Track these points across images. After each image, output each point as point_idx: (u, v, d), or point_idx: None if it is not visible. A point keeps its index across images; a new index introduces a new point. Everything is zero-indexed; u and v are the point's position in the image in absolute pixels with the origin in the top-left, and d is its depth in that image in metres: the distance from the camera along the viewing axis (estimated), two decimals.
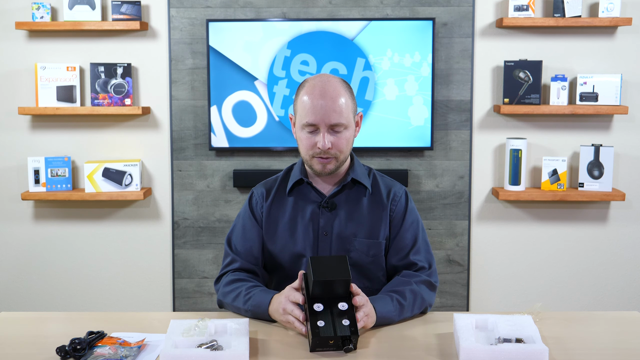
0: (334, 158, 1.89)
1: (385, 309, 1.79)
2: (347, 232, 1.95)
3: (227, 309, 1.93)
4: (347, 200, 1.97)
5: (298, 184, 1.99)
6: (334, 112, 1.84)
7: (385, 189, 2.01)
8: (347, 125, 1.87)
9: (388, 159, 3.48)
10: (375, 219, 1.96)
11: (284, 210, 1.98)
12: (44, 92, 3.38)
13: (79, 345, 1.59)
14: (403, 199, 2.01)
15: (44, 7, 3.33)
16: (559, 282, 3.58)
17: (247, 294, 1.84)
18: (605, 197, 3.37)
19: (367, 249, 1.95)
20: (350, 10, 3.41)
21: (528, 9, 3.31)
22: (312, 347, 1.62)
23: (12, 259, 3.58)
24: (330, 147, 1.86)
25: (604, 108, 3.34)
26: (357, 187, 1.99)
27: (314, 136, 1.87)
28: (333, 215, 1.95)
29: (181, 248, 3.55)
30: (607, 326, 1.85)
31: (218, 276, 1.99)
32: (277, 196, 2.00)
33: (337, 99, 1.85)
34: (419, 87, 3.38)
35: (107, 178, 3.39)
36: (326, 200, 1.96)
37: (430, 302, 1.93)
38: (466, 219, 3.53)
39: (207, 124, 3.45)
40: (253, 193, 2.04)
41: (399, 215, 1.99)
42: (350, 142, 1.91)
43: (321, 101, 1.84)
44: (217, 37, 3.36)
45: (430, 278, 1.95)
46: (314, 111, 1.84)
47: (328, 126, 1.85)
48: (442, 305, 3.58)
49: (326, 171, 1.91)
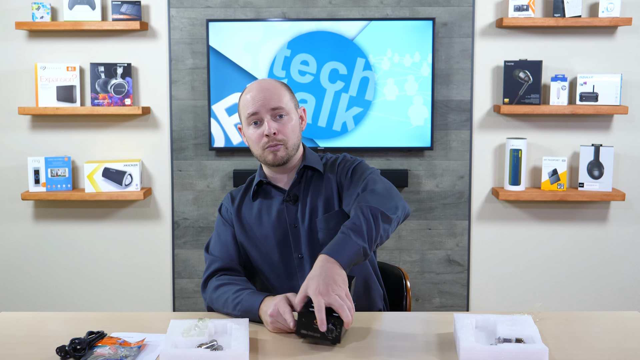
0: (282, 145, 1.95)
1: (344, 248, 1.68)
2: (311, 218, 1.99)
3: (218, 312, 1.94)
4: (306, 189, 2.02)
5: (259, 185, 2.07)
6: (272, 99, 1.95)
7: (332, 163, 2.06)
8: (287, 111, 1.97)
9: (388, 159, 3.48)
10: (328, 194, 2.00)
11: (252, 213, 2.04)
12: (44, 92, 3.38)
13: (79, 345, 1.59)
14: (342, 160, 2.05)
15: (44, 7, 3.33)
16: (559, 282, 3.58)
17: (235, 299, 1.86)
18: (605, 197, 3.37)
19: (327, 224, 1.97)
20: (350, 10, 3.41)
21: (528, 9, 3.31)
22: (297, 327, 1.63)
23: (12, 259, 3.58)
24: (275, 133, 1.93)
25: (604, 108, 3.34)
26: (313, 173, 2.04)
27: (259, 128, 1.96)
28: (297, 207, 2.01)
29: (181, 248, 3.55)
30: (607, 326, 1.85)
31: (203, 282, 2.02)
32: (242, 201, 2.08)
33: (274, 89, 1.98)
34: (419, 87, 3.38)
35: (107, 178, 3.39)
36: (288, 194, 2.01)
37: (383, 205, 1.77)
38: (466, 219, 3.53)
39: (207, 124, 3.45)
40: (222, 204, 2.12)
41: (343, 172, 2.01)
42: (295, 130, 1.99)
43: (260, 93, 1.96)
44: (217, 37, 3.36)
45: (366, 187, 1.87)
46: (254, 102, 1.95)
47: (270, 112, 1.94)
48: (442, 305, 3.59)
49: (278, 159, 1.96)
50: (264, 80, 2.02)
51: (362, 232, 1.71)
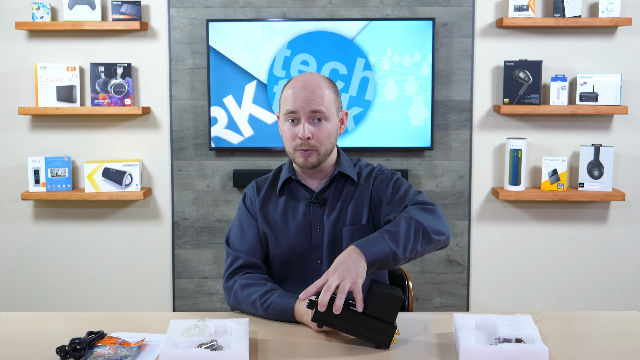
0: (314, 151, 1.91)
1: (374, 245, 1.70)
2: (337, 225, 1.96)
3: (244, 312, 1.93)
4: (336, 194, 1.99)
5: (288, 182, 2.02)
6: (313, 101, 1.88)
7: (369, 175, 2.02)
8: (327, 115, 1.90)
9: (388, 159, 3.48)
10: (358, 204, 1.98)
11: (276, 209, 2.00)
12: (44, 92, 3.38)
13: (79, 345, 1.59)
14: (379, 172, 2.02)
15: (44, 7, 3.33)
16: (559, 282, 3.58)
17: (264, 302, 1.84)
18: (605, 197, 3.37)
19: (351, 235, 1.95)
20: (350, 10, 3.41)
21: (528, 9, 3.31)
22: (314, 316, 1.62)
23: (12, 259, 3.58)
24: (310, 137, 1.88)
25: (604, 108, 3.34)
26: (345, 180, 2.01)
27: (295, 127, 1.91)
28: (323, 211, 1.98)
29: (181, 248, 3.55)
30: (607, 326, 1.85)
31: (226, 277, 1.99)
32: (268, 194, 2.03)
33: (318, 90, 1.90)
34: (419, 87, 3.38)
35: (107, 178, 3.39)
36: (316, 196, 1.98)
37: (434, 227, 1.78)
38: (466, 219, 3.53)
39: (207, 124, 3.45)
40: (245, 192, 2.08)
41: (382, 185, 1.98)
42: (332, 135, 1.93)
43: (303, 91, 1.89)
44: (217, 37, 3.36)
45: (419, 203, 1.87)
46: (294, 100, 1.89)
47: (308, 114, 1.88)
48: (442, 305, 3.59)
49: (308, 164, 1.92)
50: (310, 77, 1.93)
51: (398, 238, 1.72)
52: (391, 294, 1.62)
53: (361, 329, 1.63)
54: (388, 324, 1.62)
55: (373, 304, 1.62)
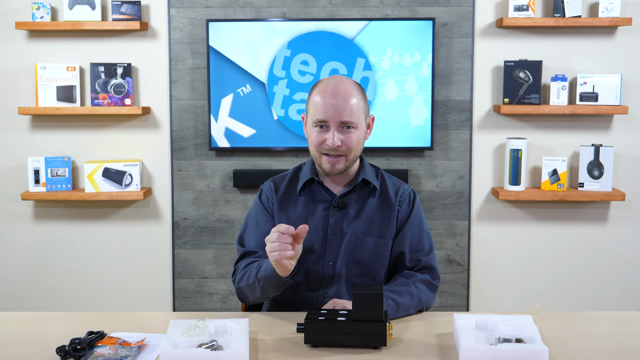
0: (343, 157, 1.92)
1: None
2: (356, 231, 1.97)
3: (247, 298, 1.95)
4: (357, 201, 2.00)
5: (309, 183, 2.02)
6: (344, 111, 1.88)
7: (393, 189, 2.04)
8: (356, 125, 1.91)
9: (388, 159, 3.48)
10: (384, 218, 1.99)
11: (295, 208, 2.01)
12: (44, 92, 3.38)
13: (79, 345, 1.59)
14: (409, 199, 2.04)
15: (44, 7, 3.33)
16: (559, 282, 3.58)
17: (258, 267, 1.87)
18: (605, 197, 3.37)
19: (375, 249, 1.97)
20: (350, 10, 3.41)
21: (528, 9, 3.31)
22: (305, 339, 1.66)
23: (12, 259, 3.58)
24: (339, 145, 1.89)
25: (604, 108, 3.34)
26: (367, 187, 2.02)
27: (323, 133, 1.91)
28: (343, 215, 1.98)
29: (181, 248, 3.55)
30: (607, 326, 1.85)
31: (233, 271, 2.00)
32: (286, 192, 2.03)
33: (349, 99, 1.89)
34: (419, 87, 3.38)
35: (107, 178, 3.39)
36: (337, 200, 1.98)
37: (429, 303, 1.95)
38: (466, 219, 3.53)
39: (207, 124, 3.45)
40: (262, 189, 2.07)
41: (404, 214, 2.01)
42: (360, 142, 1.94)
43: (333, 100, 1.88)
44: (217, 37, 3.36)
45: (431, 279, 1.97)
46: (325, 109, 1.88)
47: (338, 124, 1.89)
48: (442, 305, 3.59)
49: (335, 170, 1.93)
50: (340, 83, 1.91)
51: (402, 309, 1.87)
52: (371, 294, 1.64)
53: (355, 336, 1.64)
54: (377, 322, 1.63)
55: (357, 308, 1.64)
